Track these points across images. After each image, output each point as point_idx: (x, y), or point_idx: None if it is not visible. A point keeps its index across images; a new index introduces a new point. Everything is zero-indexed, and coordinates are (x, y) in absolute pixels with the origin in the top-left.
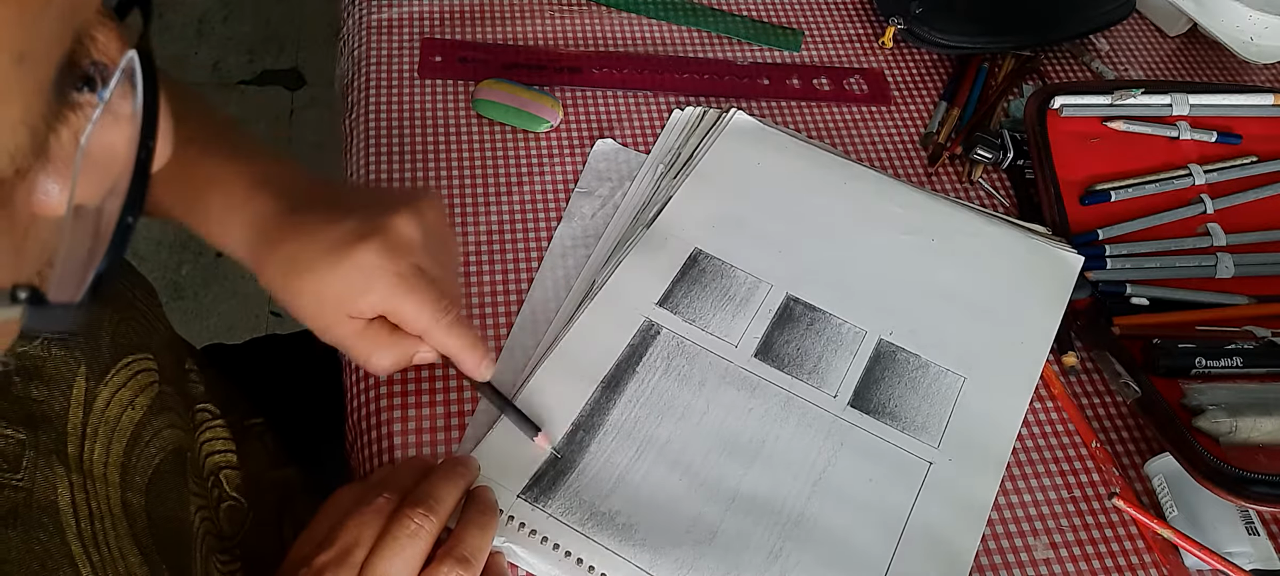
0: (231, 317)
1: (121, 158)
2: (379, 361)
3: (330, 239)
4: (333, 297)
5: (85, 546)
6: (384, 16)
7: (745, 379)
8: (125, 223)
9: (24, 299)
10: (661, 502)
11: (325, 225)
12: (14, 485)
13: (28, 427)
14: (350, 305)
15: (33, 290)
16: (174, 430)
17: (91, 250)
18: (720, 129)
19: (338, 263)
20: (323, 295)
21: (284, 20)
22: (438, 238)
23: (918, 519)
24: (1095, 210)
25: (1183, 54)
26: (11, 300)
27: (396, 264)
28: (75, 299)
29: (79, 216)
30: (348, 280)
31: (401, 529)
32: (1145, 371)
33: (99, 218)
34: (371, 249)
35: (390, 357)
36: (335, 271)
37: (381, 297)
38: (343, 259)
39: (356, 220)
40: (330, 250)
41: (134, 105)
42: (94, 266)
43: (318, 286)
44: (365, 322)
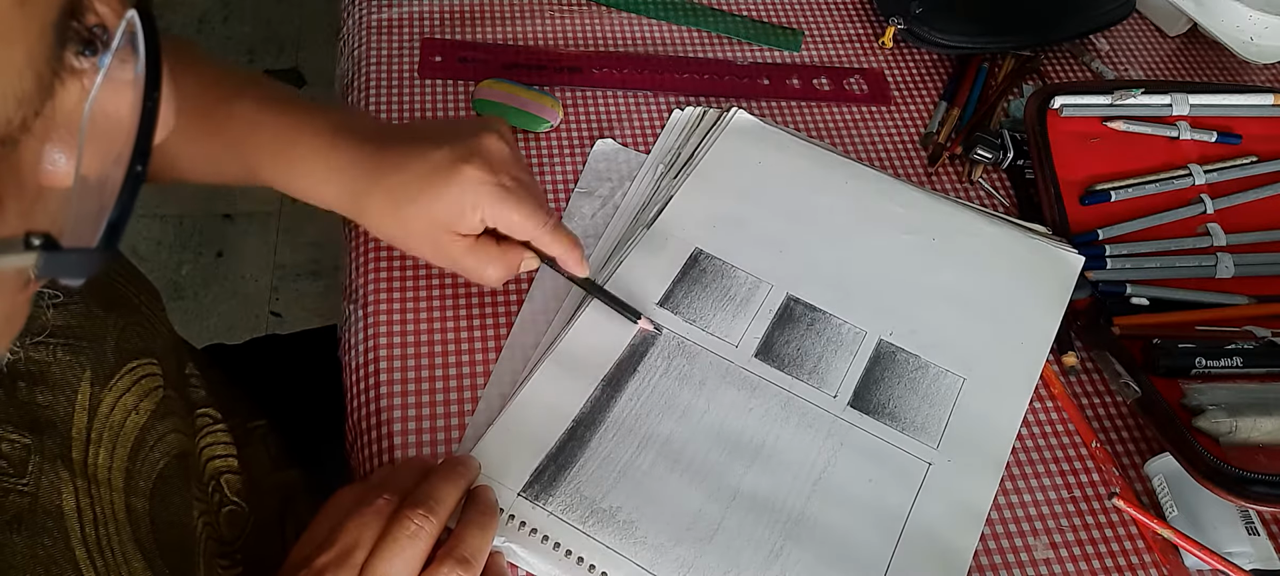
0: (231, 318)
1: (126, 125)
2: (492, 272)
3: (431, 164)
4: (444, 218)
5: (89, 551)
6: (384, 16)
7: (745, 379)
8: (134, 171)
9: (37, 245)
10: (662, 501)
11: (421, 154)
12: (19, 490)
13: (33, 432)
14: (461, 222)
15: (46, 236)
16: (177, 434)
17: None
18: (721, 128)
19: (446, 184)
20: (434, 218)
21: (284, 20)
22: (518, 154)
23: (917, 519)
24: (1095, 210)
25: (1183, 54)
26: (26, 247)
27: (499, 177)
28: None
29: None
30: (457, 199)
31: (402, 529)
32: (1145, 371)
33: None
34: (474, 166)
35: (499, 267)
36: (444, 192)
37: (491, 210)
38: (450, 180)
39: (452, 145)
40: (434, 173)
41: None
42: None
43: (428, 211)
44: (473, 239)
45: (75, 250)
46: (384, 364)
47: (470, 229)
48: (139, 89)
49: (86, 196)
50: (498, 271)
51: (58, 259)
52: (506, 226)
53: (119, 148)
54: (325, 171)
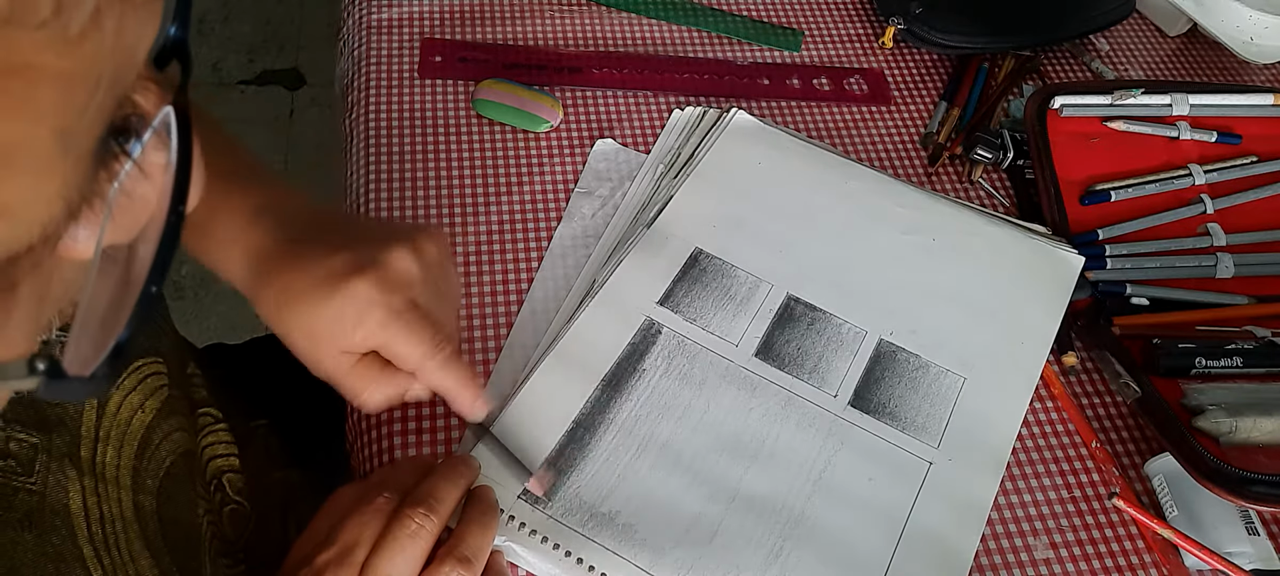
0: (231, 318)
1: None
2: (370, 398)
3: (325, 270)
4: (325, 330)
5: (97, 549)
6: (384, 16)
7: (746, 378)
8: (149, 292)
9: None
10: (662, 502)
11: (321, 257)
12: (28, 488)
13: (41, 431)
14: (342, 338)
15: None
16: (183, 433)
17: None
18: (721, 128)
19: (331, 294)
20: (315, 327)
21: (284, 20)
22: (437, 273)
23: (917, 519)
24: (1095, 210)
25: (1183, 54)
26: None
27: (390, 298)
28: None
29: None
30: (340, 312)
31: (402, 528)
32: (1145, 371)
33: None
34: (366, 282)
35: (381, 394)
36: (328, 303)
37: (373, 332)
38: (336, 291)
39: (353, 252)
40: (323, 282)
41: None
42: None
43: (310, 318)
44: (357, 358)
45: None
46: None
47: (352, 347)
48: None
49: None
50: (377, 397)
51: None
52: (389, 353)
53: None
54: (234, 252)
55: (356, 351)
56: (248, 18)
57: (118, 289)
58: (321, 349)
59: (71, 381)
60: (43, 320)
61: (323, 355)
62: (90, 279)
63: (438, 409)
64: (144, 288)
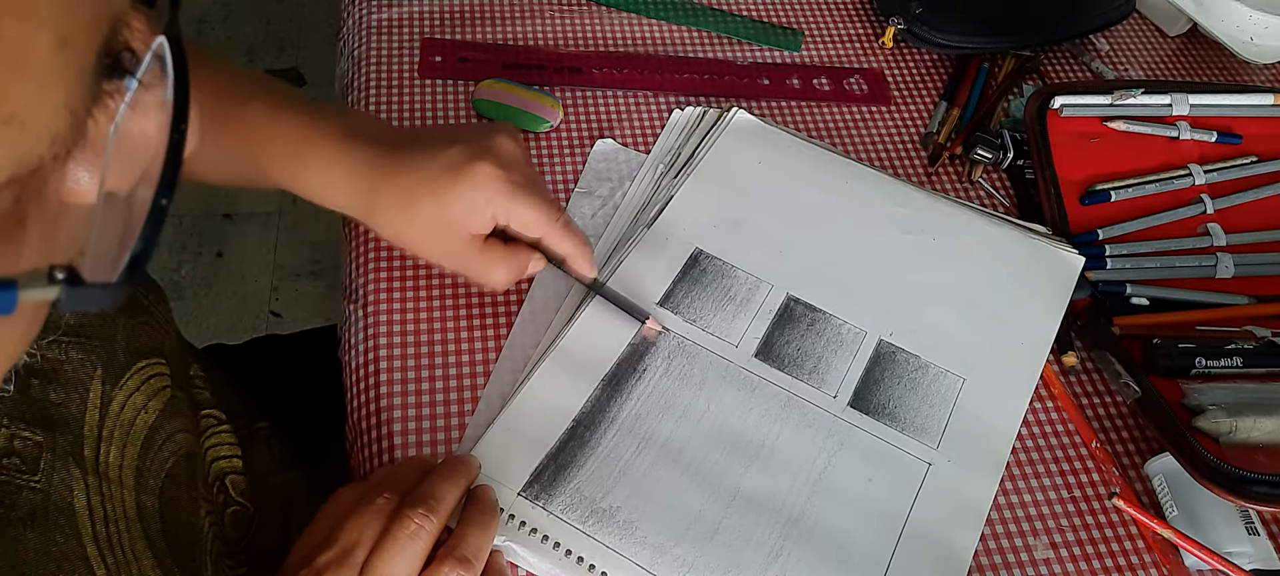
0: (231, 317)
1: (152, 144)
2: (500, 274)
3: (444, 162)
4: (455, 217)
5: (100, 548)
6: (384, 16)
7: (745, 379)
8: (159, 205)
9: (61, 279)
10: (662, 501)
11: (433, 154)
12: (32, 487)
13: (45, 430)
14: (472, 220)
15: (69, 270)
16: (185, 434)
17: (123, 235)
18: (721, 128)
19: (456, 181)
20: (445, 216)
21: (284, 20)
22: (528, 157)
23: (917, 519)
24: (1095, 210)
25: (1183, 54)
26: (49, 280)
27: (511, 174)
28: (112, 278)
29: (109, 203)
30: (468, 196)
31: (402, 529)
32: (1145, 371)
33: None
34: (487, 163)
35: (507, 268)
36: (454, 190)
37: (503, 205)
38: (460, 177)
39: (463, 145)
40: (446, 171)
41: (165, 92)
42: (128, 249)
43: (439, 209)
44: (483, 240)
45: (97, 285)
46: (384, 364)
47: (481, 227)
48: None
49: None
50: (505, 273)
51: (81, 293)
52: (519, 223)
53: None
54: (337, 172)
55: (482, 232)
56: (248, 18)
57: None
58: (453, 235)
59: (91, 288)
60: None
61: (454, 242)
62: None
63: (438, 409)
64: (154, 200)
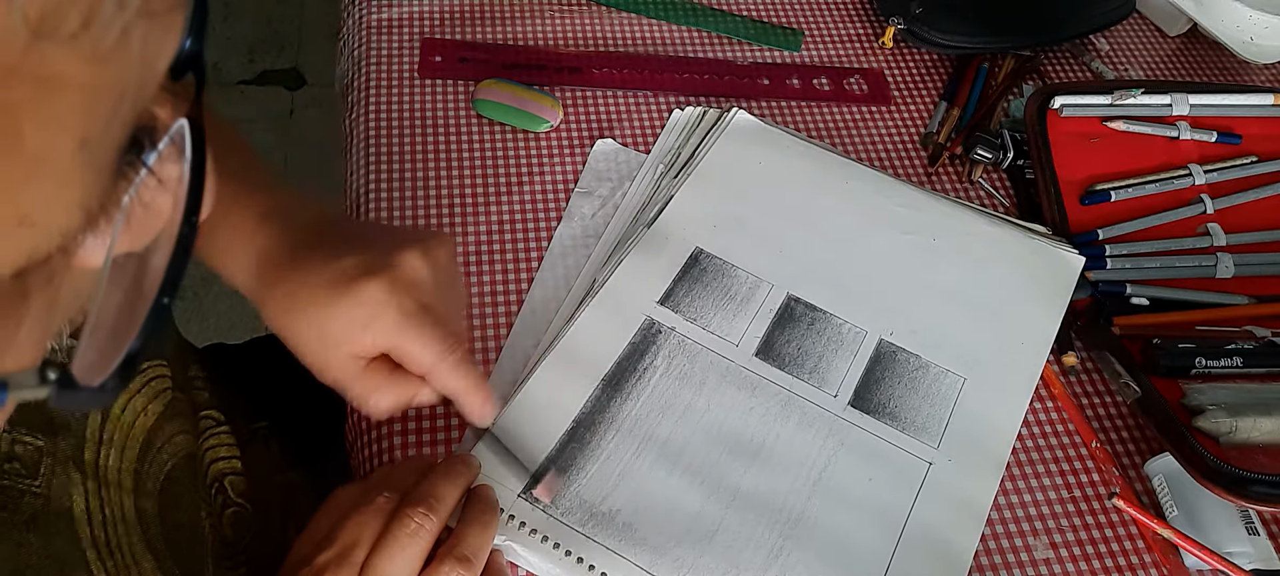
0: (231, 317)
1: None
2: (378, 403)
3: (335, 273)
4: (335, 333)
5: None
6: (384, 16)
7: (746, 378)
8: (161, 303)
9: (52, 380)
10: (662, 501)
11: (331, 260)
12: (33, 491)
13: (46, 434)
14: (353, 341)
15: (62, 371)
16: (185, 436)
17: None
18: (721, 128)
19: (342, 296)
20: (325, 331)
21: (284, 20)
22: (446, 279)
23: (917, 519)
24: (1095, 210)
25: (1183, 54)
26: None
27: (402, 300)
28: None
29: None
30: (351, 315)
31: (402, 528)
32: (1145, 371)
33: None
34: (377, 284)
35: (389, 399)
36: (339, 305)
37: (385, 333)
38: (347, 293)
39: (363, 255)
40: (334, 283)
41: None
42: (127, 341)
43: (321, 321)
44: (366, 362)
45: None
46: None
47: (363, 349)
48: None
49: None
50: (386, 402)
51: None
52: (401, 354)
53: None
54: (237, 254)
55: (366, 355)
56: (248, 17)
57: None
58: (331, 352)
59: (82, 391)
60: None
61: (332, 359)
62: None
63: (438, 409)
64: (155, 299)
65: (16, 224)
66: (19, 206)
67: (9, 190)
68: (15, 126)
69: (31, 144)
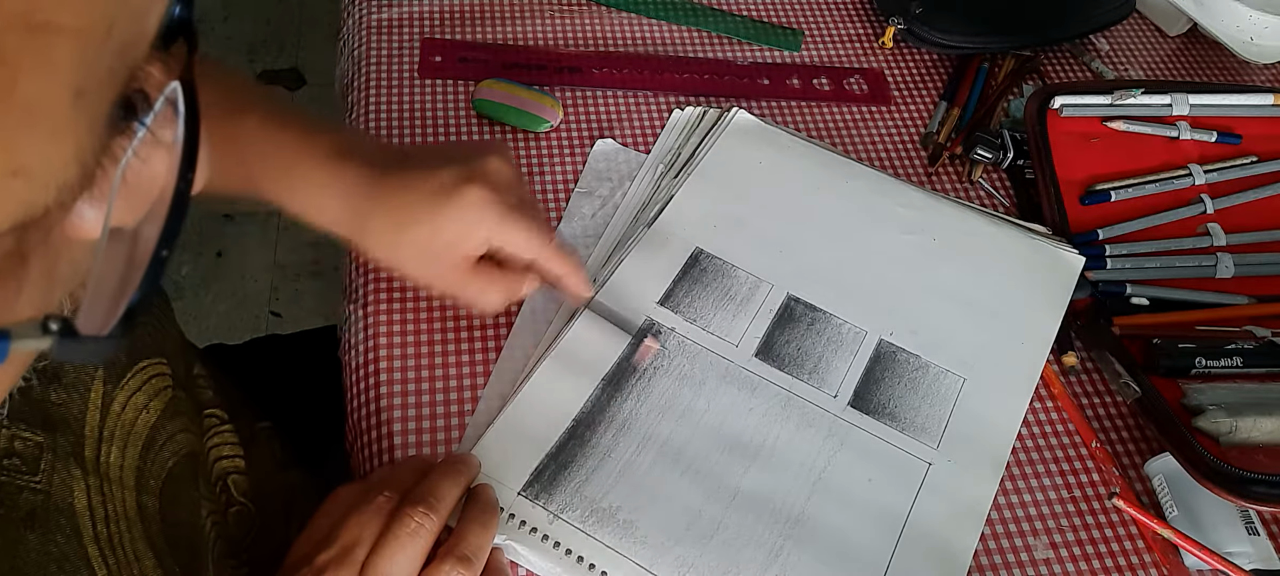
0: (231, 318)
1: (159, 183)
2: (490, 299)
3: (434, 186)
4: (445, 240)
5: (101, 548)
6: (384, 16)
7: (746, 378)
8: (160, 256)
9: (55, 331)
10: (661, 501)
11: (425, 176)
12: (32, 487)
13: (46, 430)
14: (463, 244)
15: (64, 321)
16: (187, 434)
17: (124, 277)
18: (721, 128)
19: (446, 205)
20: (435, 240)
21: (284, 20)
22: (521, 178)
23: (917, 519)
24: (1095, 210)
25: (1183, 54)
26: (43, 331)
27: (503, 197)
28: (104, 331)
29: (113, 240)
30: (459, 220)
31: (402, 527)
32: (1145, 371)
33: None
34: (479, 186)
35: (500, 292)
36: (445, 213)
37: (494, 228)
38: (451, 201)
39: (455, 167)
40: (437, 194)
41: (175, 134)
42: (127, 297)
43: (430, 233)
44: (474, 264)
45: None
46: (384, 364)
47: (473, 250)
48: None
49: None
50: (498, 296)
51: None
52: (512, 245)
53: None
54: (327, 192)
55: (474, 255)
56: (248, 17)
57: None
58: (444, 258)
59: (84, 341)
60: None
61: (445, 265)
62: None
63: (438, 409)
64: (154, 251)
65: (11, 175)
66: (14, 157)
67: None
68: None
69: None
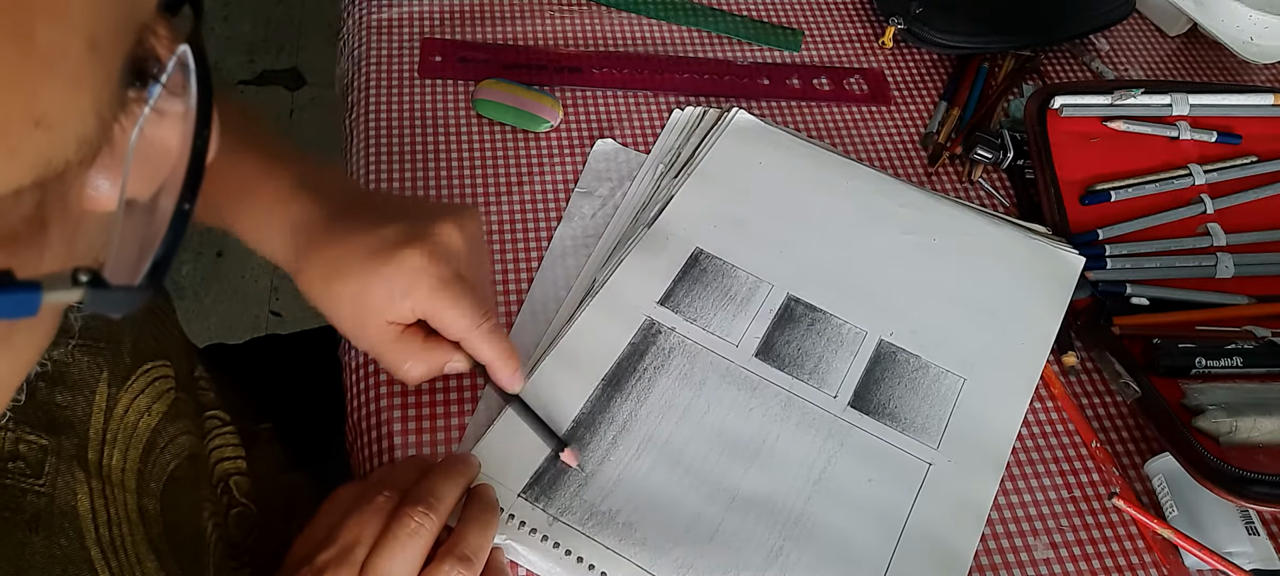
0: (231, 318)
1: (173, 153)
2: (412, 370)
3: (374, 242)
4: (375, 301)
5: (104, 551)
6: (384, 16)
7: (746, 379)
8: (182, 210)
9: (85, 281)
10: (662, 501)
11: (368, 229)
12: (36, 490)
13: (50, 433)
14: (391, 308)
15: (93, 273)
16: (189, 436)
17: (144, 242)
18: (721, 128)
19: (381, 265)
20: (364, 299)
21: (284, 20)
22: (476, 250)
23: (917, 519)
24: (1095, 210)
25: (1183, 54)
26: (73, 282)
27: (439, 268)
28: (134, 281)
29: (129, 212)
30: (390, 283)
31: (402, 527)
32: (1145, 371)
33: (150, 214)
34: (416, 251)
35: (423, 366)
36: (378, 274)
37: (423, 300)
38: (387, 261)
39: (400, 225)
40: (374, 253)
41: (187, 101)
42: (150, 255)
43: (360, 289)
44: (401, 330)
45: (121, 288)
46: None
47: (399, 317)
48: (188, 122)
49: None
50: (419, 369)
51: (103, 296)
52: (438, 320)
53: (163, 176)
54: (273, 224)
55: (403, 322)
56: (248, 18)
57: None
58: (369, 320)
59: (115, 291)
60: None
61: (370, 325)
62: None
63: (438, 409)
64: (176, 206)
65: (34, 125)
66: (35, 106)
67: (24, 88)
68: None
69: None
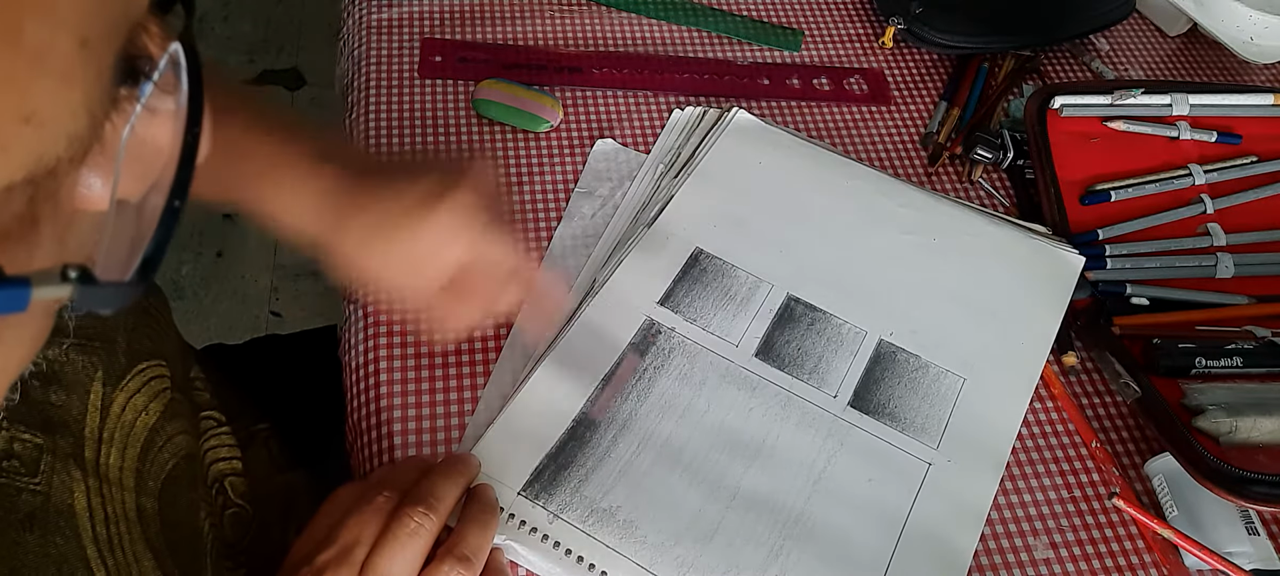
0: (231, 318)
1: (164, 152)
2: (456, 322)
3: (414, 196)
4: (420, 255)
5: (100, 550)
6: (384, 16)
7: (746, 378)
8: (172, 207)
9: (74, 277)
10: (662, 501)
11: (403, 187)
12: (32, 489)
13: (46, 432)
14: (438, 259)
15: (82, 269)
16: (185, 436)
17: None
18: (721, 128)
19: (423, 219)
20: (413, 251)
21: (284, 20)
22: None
23: (917, 519)
24: (1095, 210)
25: (1183, 54)
26: (62, 279)
27: (479, 215)
28: (124, 277)
29: (120, 211)
30: (436, 235)
31: (402, 527)
32: (1145, 371)
33: (140, 213)
34: (455, 203)
35: (466, 319)
36: (421, 229)
37: (474, 242)
38: (428, 216)
39: (431, 181)
40: (416, 206)
41: (178, 100)
42: (140, 252)
43: (405, 248)
44: (443, 283)
45: (110, 284)
46: (384, 364)
47: (449, 263)
48: (180, 121)
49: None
50: (462, 322)
51: (93, 292)
52: (492, 255)
53: (154, 175)
54: (303, 197)
55: (453, 264)
56: (248, 18)
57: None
58: (420, 272)
59: (104, 287)
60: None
61: (420, 280)
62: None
63: (438, 409)
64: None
65: (24, 122)
66: (24, 103)
67: (13, 85)
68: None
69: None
